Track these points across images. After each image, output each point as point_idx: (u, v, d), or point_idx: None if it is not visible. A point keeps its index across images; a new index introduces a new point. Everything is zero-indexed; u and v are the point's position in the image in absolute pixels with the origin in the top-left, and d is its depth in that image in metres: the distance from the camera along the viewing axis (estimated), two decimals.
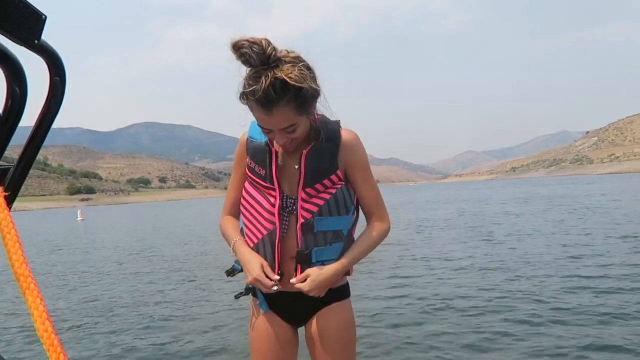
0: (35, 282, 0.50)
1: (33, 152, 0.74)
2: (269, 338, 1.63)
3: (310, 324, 1.63)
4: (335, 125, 1.59)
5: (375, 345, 4.20)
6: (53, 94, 0.71)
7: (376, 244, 1.64)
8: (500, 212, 19.62)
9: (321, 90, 1.45)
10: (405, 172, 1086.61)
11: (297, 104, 1.38)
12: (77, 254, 13.30)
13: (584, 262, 7.33)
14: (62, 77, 0.71)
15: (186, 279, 8.06)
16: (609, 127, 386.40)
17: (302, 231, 1.53)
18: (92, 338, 4.88)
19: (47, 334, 0.48)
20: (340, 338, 1.60)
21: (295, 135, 1.46)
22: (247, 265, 1.54)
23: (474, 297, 5.56)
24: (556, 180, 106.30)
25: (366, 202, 1.63)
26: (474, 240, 10.94)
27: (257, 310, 1.67)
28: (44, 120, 0.72)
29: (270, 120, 1.40)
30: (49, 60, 0.68)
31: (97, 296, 7.13)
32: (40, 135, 0.73)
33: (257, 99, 1.35)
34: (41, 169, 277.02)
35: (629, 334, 4.04)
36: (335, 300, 1.62)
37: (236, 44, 1.31)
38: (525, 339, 4.08)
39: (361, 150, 1.60)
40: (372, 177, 1.63)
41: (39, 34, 0.63)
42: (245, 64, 1.35)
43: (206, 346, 4.41)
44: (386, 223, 1.66)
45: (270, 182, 1.56)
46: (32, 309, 0.49)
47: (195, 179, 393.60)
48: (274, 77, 1.33)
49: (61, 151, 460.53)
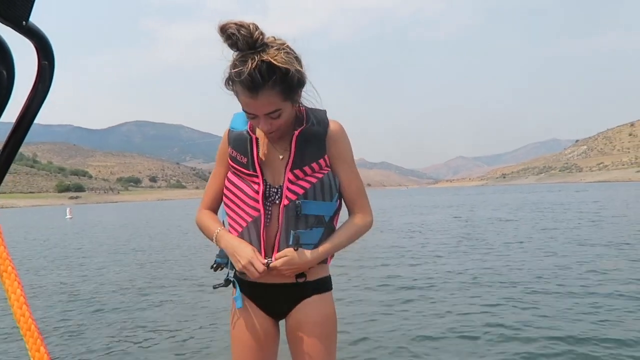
0: (13, 265, 0.49)
1: (17, 142, 0.71)
2: (249, 330, 1.62)
3: (290, 316, 1.62)
4: (323, 113, 1.60)
5: (357, 340, 4.24)
6: (41, 79, 0.68)
7: (357, 235, 1.64)
8: (493, 218, 19.76)
9: (307, 78, 1.45)
10: (396, 176, 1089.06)
11: (282, 88, 1.38)
12: (66, 252, 13.22)
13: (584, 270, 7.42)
14: (50, 62, 0.68)
15: (173, 278, 8.03)
16: (598, 136, 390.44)
17: (285, 212, 1.53)
18: (75, 338, 4.83)
19: (24, 318, 0.47)
20: (320, 331, 1.59)
21: (279, 121, 1.46)
22: (236, 250, 1.52)
23: (462, 302, 5.58)
24: (546, 187, 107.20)
25: (349, 193, 1.63)
26: (463, 246, 11.03)
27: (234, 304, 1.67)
28: (30, 106, 0.69)
29: (256, 104, 1.39)
30: (38, 43, 0.65)
31: (83, 295, 7.12)
32: (27, 122, 0.70)
33: (242, 81, 1.35)
34: (30, 165, 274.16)
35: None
36: (315, 293, 1.61)
37: (224, 26, 1.31)
38: (511, 343, 4.12)
39: (346, 141, 1.60)
40: (355, 169, 1.63)
41: (28, 13, 0.59)
42: (232, 47, 1.35)
43: (189, 342, 4.44)
44: (368, 216, 1.66)
45: (253, 170, 1.55)
46: (9, 293, 0.48)
47: (186, 179, 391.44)
48: (260, 60, 1.32)
49: (51, 148, 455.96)
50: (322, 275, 1.64)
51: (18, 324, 0.47)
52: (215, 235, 1.60)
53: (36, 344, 0.46)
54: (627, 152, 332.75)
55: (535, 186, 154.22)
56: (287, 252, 1.52)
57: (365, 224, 1.65)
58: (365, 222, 1.65)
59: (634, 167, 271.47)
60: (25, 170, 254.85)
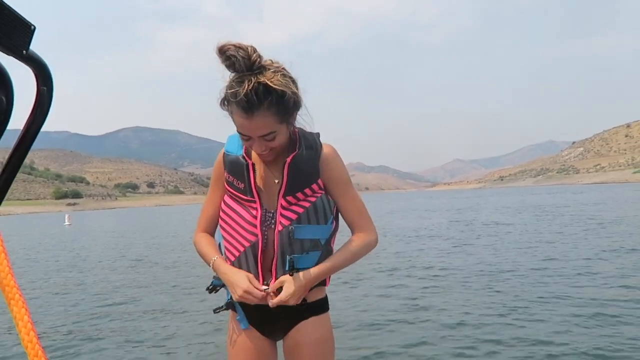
0: (20, 292, 0.50)
1: (17, 162, 0.73)
2: (247, 352, 1.63)
3: (288, 338, 1.63)
4: (316, 137, 1.60)
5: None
6: (39, 104, 0.70)
7: (359, 254, 1.62)
8: (492, 221, 19.79)
9: (302, 101, 1.46)
10: (394, 179, 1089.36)
11: (278, 109, 1.39)
12: (67, 259, 13.21)
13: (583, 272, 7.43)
14: (49, 88, 0.70)
15: (171, 290, 8.03)
16: (595, 137, 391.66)
17: (279, 238, 1.53)
18: (76, 348, 4.81)
19: (31, 344, 0.48)
20: (317, 352, 1.60)
21: (273, 144, 1.46)
22: (233, 280, 1.52)
23: (458, 308, 5.58)
24: (544, 190, 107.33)
25: (348, 214, 1.62)
26: (462, 250, 11.04)
27: (236, 325, 1.66)
28: (29, 131, 0.71)
29: (251, 126, 1.39)
30: (37, 70, 0.68)
31: (87, 304, 7.12)
32: (25, 145, 0.73)
33: (238, 102, 1.36)
34: (27, 172, 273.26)
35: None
36: (313, 314, 1.61)
37: (222, 47, 1.33)
38: (509, 350, 4.11)
39: (339, 163, 1.60)
40: (352, 189, 1.63)
41: (28, 44, 0.62)
42: (230, 68, 1.37)
43: (186, 358, 4.36)
44: (371, 235, 1.63)
45: (250, 195, 1.56)
46: (17, 320, 0.49)
47: (184, 184, 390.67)
48: (257, 82, 1.34)
49: (48, 155, 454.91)
50: (319, 297, 1.64)
51: (26, 350, 0.48)
52: (212, 264, 1.60)
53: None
54: (623, 153, 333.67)
55: (533, 188, 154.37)
56: (283, 280, 1.52)
57: (367, 243, 1.62)
58: (366, 242, 1.62)
59: (630, 168, 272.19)
60: (22, 177, 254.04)
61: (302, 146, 1.54)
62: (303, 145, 1.54)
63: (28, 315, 0.49)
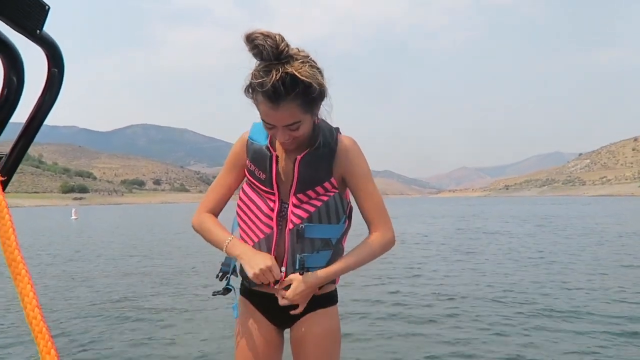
0: (26, 268, 0.50)
1: (26, 144, 0.74)
2: (253, 339, 1.64)
3: (295, 328, 1.64)
4: (334, 132, 1.57)
5: (361, 355, 4.28)
6: (50, 85, 0.71)
7: (373, 255, 1.59)
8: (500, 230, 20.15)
9: (327, 91, 1.45)
10: (399, 185, 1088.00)
11: (304, 101, 1.38)
12: (73, 252, 13.83)
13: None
14: (60, 70, 0.71)
15: (179, 284, 8.42)
16: (602, 150, 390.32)
17: (290, 236, 1.53)
18: (82, 338, 4.97)
19: (36, 321, 0.48)
20: (323, 344, 1.60)
21: (297, 133, 1.45)
22: (255, 257, 1.51)
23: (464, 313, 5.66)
24: (549, 200, 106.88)
25: (366, 210, 1.60)
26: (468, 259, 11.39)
27: (244, 310, 1.68)
28: (39, 111, 0.72)
29: (276, 115, 1.39)
30: (49, 51, 0.69)
31: (96, 296, 7.59)
32: (35, 127, 0.73)
33: (264, 92, 1.35)
34: (35, 166, 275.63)
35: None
36: (321, 307, 1.61)
37: (250, 35, 1.31)
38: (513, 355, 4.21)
39: (359, 157, 1.57)
40: (372, 185, 1.61)
41: (42, 24, 0.63)
42: (257, 57, 1.34)
43: (192, 348, 4.51)
44: (387, 234, 1.60)
45: (270, 187, 1.55)
46: (22, 295, 0.49)
47: (190, 182, 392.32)
48: (284, 72, 1.32)
49: (56, 149, 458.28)
50: (328, 290, 1.64)
51: (30, 326, 0.48)
52: (227, 244, 1.57)
53: (47, 346, 0.48)
54: (630, 166, 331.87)
55: (537, 199, 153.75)
56: (292, 278, 1.53)
57: (384, 242, 1.59)
58: (383, 241, 1.59)
59: (636, 182, 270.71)
60: (30, 170, 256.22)
61: (318, 143, 1.52)
62: (320, 141, 1.52)
63: (33, 291, 0.49)
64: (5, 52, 0.65)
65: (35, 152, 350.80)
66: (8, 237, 0.50)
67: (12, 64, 0.66)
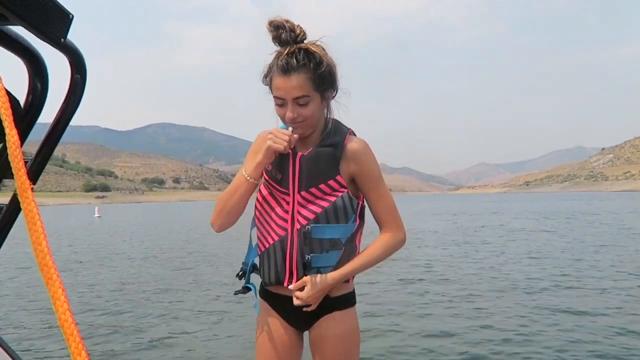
0: (57, 273, 0.52)
1: (51, 147, 0.77)
2: (273, 340, 1.65)
3: (312, 330, 1.65)
4: (345, 132, 1.59)
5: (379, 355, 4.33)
6: (73, 91, 0.73)
7: (384, 255, 1.61)
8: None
9: (338, 84, 1.54)
10: (417, 181, 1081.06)
11: (314, 75, 1.45)
12: (100, 249, 14.46)
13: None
14: (83, 76, 0.73)
15: (201, 282, 8.70)
16: (625, 144, 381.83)
17: (298, 237, 1.55)
18: (110, 335, 5.16)
19: (67, 323, 0.50)
20: (342, 346, 1.61)
21: (306, 111, 1.48)
22: (260, 144, 1.58)
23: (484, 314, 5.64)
24: (570, 196, 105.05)
25: (377, 212, 1.62)
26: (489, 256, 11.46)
27: (264, 312, 1.69)
28: (62, 117, 0.74)
29: (287, 85, 1.45)
30: (72, 59, 0.70)
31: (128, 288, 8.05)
32: (59, 131, 0.76)
33: (278, 64, 1.45)
34: (59, 165, 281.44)
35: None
36: (339, 308, 1.62)
37: (272, 20, 1.45)
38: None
39: (369, 158, 1.59)
40: (383, 186, 1.62)
41: (66, 32, 0.64)
42: (276, 40, 1.47)
43: (213, 350, 4.58)
44: (398, 234, 1.62)
45: (286, 187, 1.56)
46: (54, 299, 0.50)
47: (209, 180, 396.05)
48: (298, 48, 1.45)
49: (79, 148, 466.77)
50: (345, 292, 1.64)
51: (62, 329, 0.50)
52: (244, 172, 1.58)
53: (78, 347, 0.49)
54: None
55: (559, 194, 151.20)
56: (306, 280, 1.54)
57: (395, 242, 1.62)
58: (394, 241, 1.62)
59: None
60: (54, 169, 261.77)
61: (324, 140, 1.56)
62: (327, 141, 1.56)
63: (64, 295, 0.51)
64: (30, 59, 0.68)
65: (58, 152, 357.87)
66: (40, 242, 0.52)
67: (36, 70, 0.69)
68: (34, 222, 0.52)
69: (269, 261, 1.60)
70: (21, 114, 0.72)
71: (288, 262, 1.57)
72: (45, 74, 0.69)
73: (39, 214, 0.53)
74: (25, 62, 0.69)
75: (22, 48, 0.69)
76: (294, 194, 1.57)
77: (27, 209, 0.52)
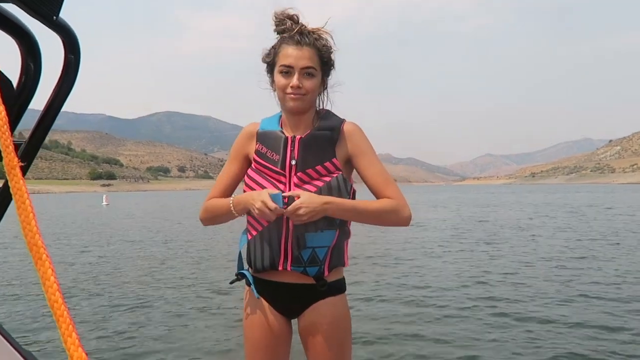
0: (47, 252, 0.51)
1: (44, 129, 0.75)
2: (262, 328, 1.64)
3: (303, 317, 1.63)
4: (339, 119, 1.65)
5: (373, 341, 4.32)
6: (67, 73, 0.72)
7: (385, 213, 1.56)
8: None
9: (334, 69, 1.63)
10: (423, 172, 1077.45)
11: (320, 52, 1.56)
12: (109, 236, 14.57)
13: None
14: (76, 56, 0.71)
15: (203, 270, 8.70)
16: (633, 136, 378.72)
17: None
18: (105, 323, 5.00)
19: (57, 304, 0.49)
20: (333, 333, 1.60)
21: (308, 84, 1.54)
22: (253, 195, 1.52)
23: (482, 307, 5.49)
24: (575, 188, 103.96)
25: (373, 183, 1.60)
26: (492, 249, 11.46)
27: (251, 300, 1.67)
28: (56, 99, 0.73)
29: (298, 55, 1.52)
30: (65, 38, 0.69)
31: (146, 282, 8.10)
32: (52, 113, 0.74)
33: (291, 37, 1.54)
34: (65, 153, 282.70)
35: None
36: (329, 295, 1.61)
37: (278, 12, 1.57)
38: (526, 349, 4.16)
39: (361, 137, 1.63)
40: (376, 159, 1.63)
41: (58, 9, 0.63)
42: (279, 33, 1.58)
43: (202, 339, 4.50)
44: (399, 202, 1.57)
45: (282, 168, 1.57)
46: (44, 280, 0.50)
47: (214, 169, 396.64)
48: (309, 30, 1.57)
49: (84, 137, 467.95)
50: (336, 278, 1.64)
51: (52, 309, 0.49)
52: (231, 202, 1.60)
53: (68, 329, 0.48)
54: None
55: (565, 186, 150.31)
56: (300, 193, 1.51)
57: (397, 208, 1.56)
58: (397, 207, 1.56)
59: None
60: (60, 157, 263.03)
61: (319, 126, 1.61)
62: (322, 125, 1.61)
63: (54, 275, 0.50)
64: (22, 38, 0.66)
65: (64, 140, 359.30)
66: (29, 222, 0.51)
67: (29, 50, 0.67)
68: (23, 201, 0.51)
69: (262, 244, 1.59)
70: (14, 95, 0.70)
71: (283, 243, 1.56)
72: (38, 54, 0.68)
73: (28, 192, 0.52)
74: (17, 41, 0.67)
75: (13, 25, 0.67)
76: (290, 175, 1.57)
77: (16, 187, 0.51)
